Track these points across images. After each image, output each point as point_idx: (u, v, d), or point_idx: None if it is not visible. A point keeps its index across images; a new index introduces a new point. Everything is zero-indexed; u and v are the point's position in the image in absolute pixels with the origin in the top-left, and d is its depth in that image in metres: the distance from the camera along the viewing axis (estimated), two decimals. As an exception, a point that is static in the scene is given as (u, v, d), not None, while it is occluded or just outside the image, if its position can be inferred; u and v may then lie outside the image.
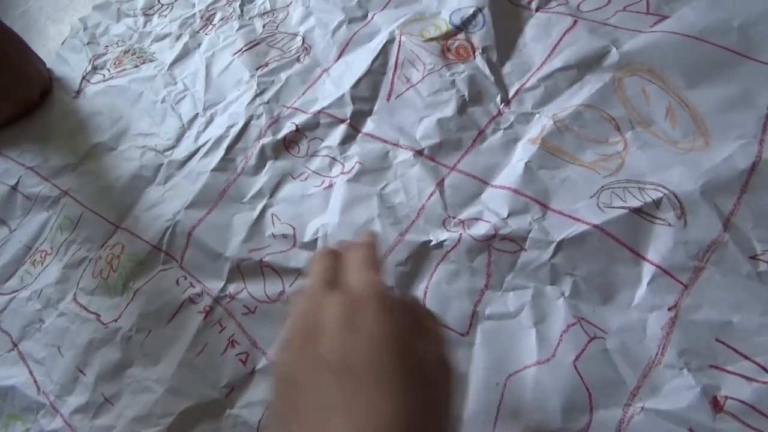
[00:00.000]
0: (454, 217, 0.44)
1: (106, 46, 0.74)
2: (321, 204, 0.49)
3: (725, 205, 0.38)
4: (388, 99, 0.54)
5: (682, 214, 0.39)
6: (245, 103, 0.58)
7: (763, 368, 0.33)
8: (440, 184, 0.46)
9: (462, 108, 0.50)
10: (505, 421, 0.36)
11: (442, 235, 0.43)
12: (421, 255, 0.43)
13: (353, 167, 0.50)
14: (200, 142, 0.57)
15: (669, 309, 0.36)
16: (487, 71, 0.51)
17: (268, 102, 0.57)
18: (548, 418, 0.35)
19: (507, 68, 0.52)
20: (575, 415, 0.34)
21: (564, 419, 0.34)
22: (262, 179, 0.52)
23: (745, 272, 0.36)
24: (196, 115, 0.60)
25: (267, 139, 0.54)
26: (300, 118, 0.55)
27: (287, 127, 0.55)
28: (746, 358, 0.34)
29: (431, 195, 0.45)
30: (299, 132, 0.54)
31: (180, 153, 0.57)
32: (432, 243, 0.43)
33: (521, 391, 0.36)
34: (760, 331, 0.34)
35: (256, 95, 0.58)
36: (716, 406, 0.33)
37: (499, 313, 0.39)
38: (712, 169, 0.40)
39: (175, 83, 0.64)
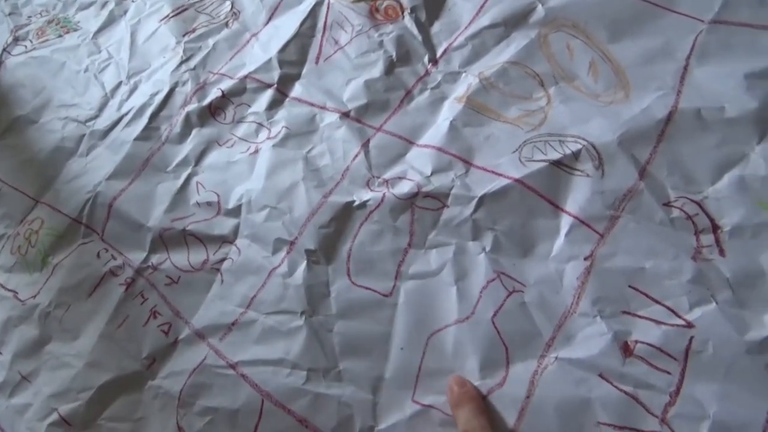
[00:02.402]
0: (378, 177, 0.43)
1: (29, 17, 0.71)
2: (246, 170, 0.48)
3: (642, 154, 0.39)
4: (317, 62, 0.53)
5: (600, 164, 0.39)
6: (170, 70, 0.56)
7: (672, 311, 0.34)
8: (365, 145, 0.45)
9: (389, 69, 0.49)
10: (425, 381, 0.36)
11: (366, 195, 0.42)
12: (345, 216, 0.42)
13: (279, 132, 0.49)
14: (123, 111, 0.55)
15: (585, 259, 0.36)
16: (415, 31, 0.51)
17: (194, 68, 0.56)
18: (466, 375, 0.35)
19: (436, 28, 0.51)
20: (492, 371, 0.35)
21: (481, 375, 0.35)
22: (187, 147, 0.51)
23: (659, 219, 0.36)
24: (119, 84, 0.58)
25: (192, 106, 0.53)
26: (226, 84, 0.53)
27: (213, 94, 0.53)
28: (657, 302, 0.34)
29: (356, 156, 0.45)
30: (225, 98, 0.53)
31: (102, 123, 0.55)
32: (355, 203, 0.42)
33: (442, 350, 0.36)
34: (671, 275, 0.34)
35: (182, 62, 0.57)
36: (626, 350, 0.33)
37: (421, 271, 0.39)
38: (630, 120, 0.40)
39: (99, 52, 0.62)
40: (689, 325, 0.33)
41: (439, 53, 0.50)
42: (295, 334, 0.38)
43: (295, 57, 0.53)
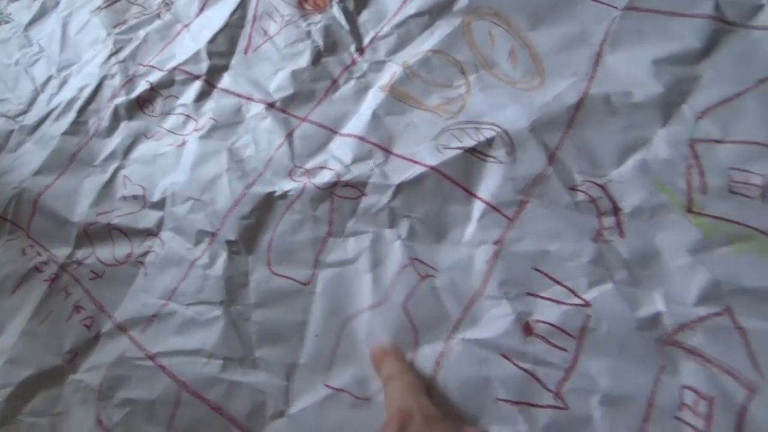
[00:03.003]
0: (300, 167, 0.45)
1: (-42, 10, 0.71)
2: (173, 163, 0.49)
3: (552, 140, 0.41)
4: (246, 52, 0.54)
5: (512, 151, 0.41)
6: (100, 63, 0.58)
7: (572, 291, 0.36)
8: (290, 136, 0.47)
9: (316, 59, 0.51)
10: (338, 365, 0.37)
11: (288, 186, 0.44)
12: (266, 207, 0.44)
13: (206, 124, 0.50)
14: (52, 105, 0.56)
15: (494, 243, 0.38)
16: (343, 21, 0.52)
17: (123, 61, 0.57)
18: (376, 357, 0.37)
19: (363, 17, 0.53)
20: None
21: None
22: (114, 141, 0.52)
23: (565, 203, 0.39)
24: (49, 78, 0.59)
25: (120, 99, 0.54)
26: (155, 76, 0.55)
27: (142, 86, 0.55)
28: (558, 283, 0.36)
29: (280, 146, 0.47)
30: (154, 90, 0.54)
31: (32, 118, 0.56)
32: (277, 194, 0.44)
33: (355, 335, 0.38)
34: (573, 257, 0.37)
35: (112, 54, 0.58)
36: (527, 330, 0.35)
37: (339, 260, 0.41)
38: (543, 107, 0.42)
39: (31, 45, 0.63)
40: (586, 304, 0.35)
41: (365, 42, 0.52)
42: (213, 324, 0.40)
43: (224, 48, 0.55)
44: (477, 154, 0.41)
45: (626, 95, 0.41)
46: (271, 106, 0.49)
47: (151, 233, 0.46)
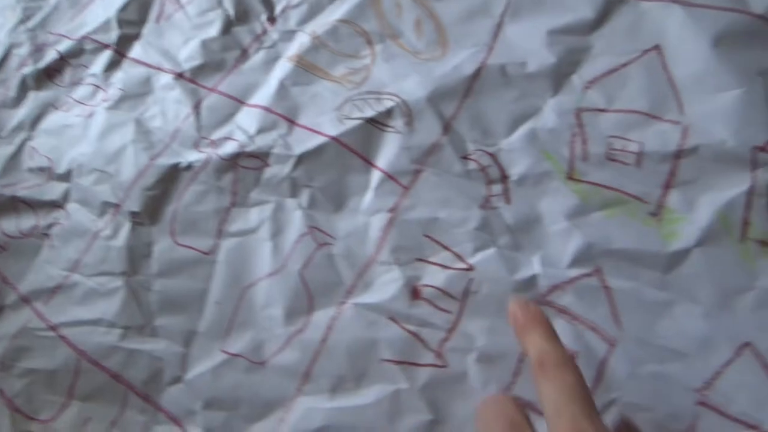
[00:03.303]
0: (206, 138, 0.46)
1: None
2: (80, 134, 0.50)
3: (448, 110, 0.43)
4: (158, 21, 0.55)
5: (410, 121, 0.43)
6: (7, 31, 0.57)
7: (458, 256, 0.38)
8: (197, 106, 0.48)
9: (227, 28, 0.52)
10: (236, 331, 0.39)
11: (193, 157, 0.45)
12: (171, 178, 0.45)
13: (114, 94, 0.50)
14: (-42, 76, 0.55)
15: (389, 211, 0.40)
16: (255, -12, 0.53)
17: (32, 29, 0.57)
18: (272, 323, 0.39)
19: (275, -15, 0.53)
20: (295, 319, 0.39)
21: (285, 323, 0.39)
22: (22, 111, 0.52)
23: (456, 171, 0.41)
24: (-46, 47, 0.58)
25: (28, 69, 0.54)
26: (64, 46, 0.55)
27: (50, 56, 0.54)
28: (446, 248, 0.39)
29: (187, 117, 0.47)
30: (63, 60, 0.54)
31: (-65, 89, 0.55)
32: (182, 165, 0.45)
33: (253, 302, 0.40)
34: (461, 224, 0.39)
35: (20, 22, 0.57)
36: (415, 293, 0.38)
37: (241, 229, 0.43)
38: (441, 77, 0.44)
39: (-64, 12, 0.62)
40: (470, 269, 0.38)
41: (277, 11, 0.53)
42: (114, 295, 0.42)
43: (135, 16, 0.55)
44: (377, 124, 0.43)
45: (521, 65, 0.43)
46: (180, 76, 0.50)
47: (56, 205, 0.47)
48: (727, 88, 0.38)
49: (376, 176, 0.42)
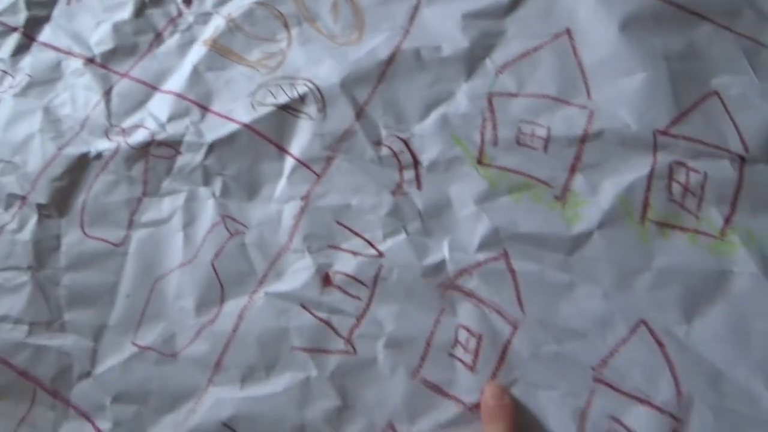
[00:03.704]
0: (116, 126, 0.45)
1: None
2: (-14, 122, 0.48)
3: (361, 95, 0.43)
4: (68, 3, 0.53)
5: (323, 107, 0.43)
6: None
7: (369, 243, 0.39)
8: (108, 93, 0.47)
9: (140, 10, 0.51)
10: (147, 324, 0.39)
11: (103, 146, 0.45)
12: (80, 168, 0.45)
13: (22, 80, 0.49)
14: None
15: (301, 198, 0.41)
16: (168, -32, 0.52)
17: (-67, 11, 0.54)
18: (184, 316, 0.39)
19: (191, -35, 0.52)
20: (206, 309, 0.39)
21: (196, 314, 0.39)
22: None
23: (369, 157, 0.41)
24: None
25: (-71, 54, 0.52)
26: (-32, 29, 0.52)
27: (-48, 40, 0.52)
28: (357, 235, 0.39)
29: (97, 105, 0.47)
30: (-33, 44, 0.52)
31: None
32: (91, 155, 0.45)
33: (164, 294, 0.40)
34: (372, 210, 0.40)
35: None
36: (326, 281, 0.38)
37: (153, 219, 0.42)
38: (355, 62, 0.44)
39: None
40: (380, 255, 0.39)
41: (192, -7, 0.52)
42: (20, 290, 0.41)
43: (45, -3, 0.53)
44: (290, 110, 0.43)
45: (436, 50, 0.44)
46: (90, 61, 0.49)
47: (-40, 197, 0.45)
48: (633, 72, 0.39)
49: (289, 163, 0.42)
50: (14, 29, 0.52)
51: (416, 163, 0.41)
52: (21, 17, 0.52)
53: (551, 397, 0.34)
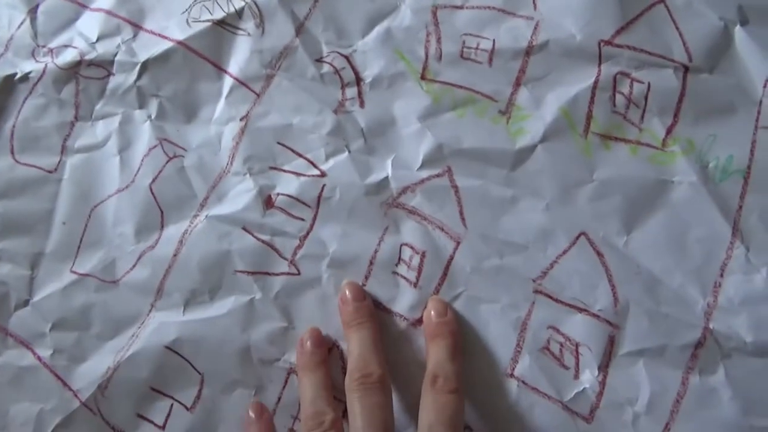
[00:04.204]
0: (44, 47, 0.42)
1: None
2: None
3: (301, 10, 0.40)
4: None
5: (261, 22, 0.40)
6: None
7: (311, 162, 0.37)
8: (33, 11, 0.43)
9: None
10: (85, 251, 0.38)
11: (29, 67, 0.41)
12: (6, 91, 0.41)
13: (-62, -1, 0.44)
14: None
15: (241, 119, 0.38)
16: None
17: None
18: (123, 242, 0.37)
19: None
20: (146, 235, 0.37)
21: (136, 240, 0.37)
22: None
23: (310, 75, 0.39)
24: None
25: None
26: None
27: None
28: (299, 155, 0.37)
29: (21, 24, 0.43)
30: None
31: None
32: (17, 77, 0.41)
33: (103, 220, 0.38)
34: (314, 129, 0.38)
35: None
36: (268, 202, 0.36)
37: (87, 144, 0.40)
38: (294, -27, 0.41)
39: None
40: (322, 175, 0.37)
41: None
42: (-52, 220, 0.38)
43: None
44: (226, 26, 0.41)
45: (379, -41, 0.40)
46: (11, -23, 0.44)
47: None
48: (580, -19, 0.37)
49: (227, 83, 0.40)
50: (-74, -57, 0.47)
51: (359, 79, 0.38)
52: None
53: (493, 310, 0.34)
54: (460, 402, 0.30)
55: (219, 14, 0.41)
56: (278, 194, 0.37)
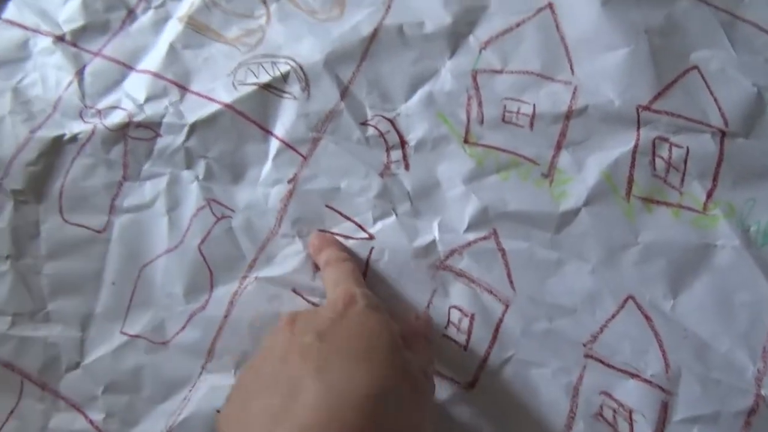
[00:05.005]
0: (91, 108, 0.42)
1: None
2: (-50, 106, 0.44)
3: (345, 74, 0.40)
4: (32, -23, 0.48)
5: (306, 86, 0.40)
6: None
7: (359, 226, 0.37)
8: (80, 73, 0.43)
9: (110, -16, 0.46)
10: (135, 312, 0.37)
11: (78, 128, 0.41)
12: (55, 151, 0.41)
13: (-14, 60, 0.44)
14: None
15: (288, 181, 0.38)
16: (137, -60, 0.47)
17: None
18: (173, 303, 0.36)
19: (161, -64, 0.48)
20: (196, 296, 0.37)
21: (186, 300, 0.37)
22: None
23: (356, 138, 0.39)
24: None
25: None
26: (-76, 5, 0.47)
27: None
28: (347, 218, 0.37)
29: (69, 85, 0.43)
30: (-75, 22, 0.47)
31: None
32: (66, 137, 0.41)
33: (152, 280, 0.37)
34: (361, 193, 0.37)
35: None
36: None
37: (135, 204, 0.39)
38: (338, 39, 0.41)
39: None
40: (371, 237, 0.36)
41: (164, -33, 0.47)
42: (0, 280, 0.38)
43: (5, -29, 0.48)
44: (272, 89, 0.41)
45: (419, 26, 0.41)
46: (60, 39, 0.45)
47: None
48: (615, 47, 0.38)
49: (274, 145, 0.40)
50: (-25, 6, 0.47)
51: (403, 142, 0.38)
52: (-19, -7, 0.47)
53: (543, 374, 0.33)
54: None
55: (264, 78, 0.41)
56: (328, 256, 0.36)
